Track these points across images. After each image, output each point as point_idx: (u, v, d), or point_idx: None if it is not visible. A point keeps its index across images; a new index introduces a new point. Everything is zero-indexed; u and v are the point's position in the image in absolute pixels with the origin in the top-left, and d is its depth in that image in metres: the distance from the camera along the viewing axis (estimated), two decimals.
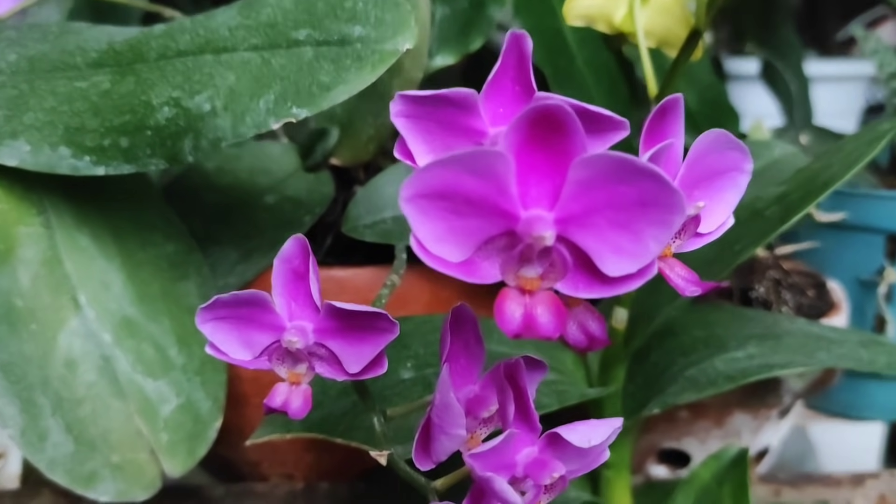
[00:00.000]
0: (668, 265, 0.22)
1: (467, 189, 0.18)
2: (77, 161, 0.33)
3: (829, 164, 0.37)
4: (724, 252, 0.36)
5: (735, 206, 0.23)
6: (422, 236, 0.19)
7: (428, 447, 0.23)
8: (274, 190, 0.44)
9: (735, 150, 0.23)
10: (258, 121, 0.30)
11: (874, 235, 0.54)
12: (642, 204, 0.18)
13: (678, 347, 0.41)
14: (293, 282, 0.26)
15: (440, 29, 0.47)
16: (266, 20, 0.33)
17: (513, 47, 0.22)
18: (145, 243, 0.39)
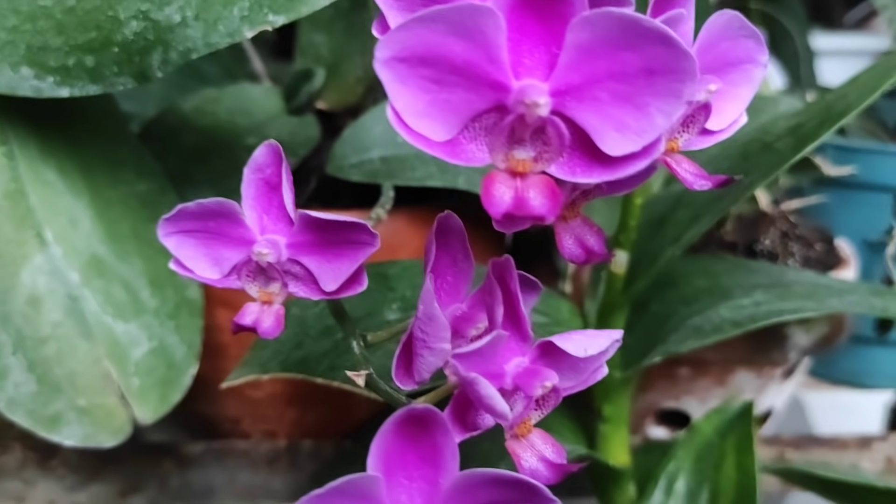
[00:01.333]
0: (676, 160, 0.20)
1: (452, 54, 0.16)
2: (40, 82, 0.31)
3: (844, 94, 0.35)
4: (731, 189, 0.34)
5: (748, 102, 0.21)
6: (401, 108, 0.17)
7: (410, 365, 0.21)
8: (255, 132, 0.42)
9: (751, 38, 0.21)
10: (231, 29, 0.28)
11: (883, 194, 0.52)
12: (649, 72, 0.16)
13: (680, 297, 0.39)
14: (265, 193, 0.24)
15: None
16: None
17: None
18: (116, 181, 0.36)
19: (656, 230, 0.36)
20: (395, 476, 0.17)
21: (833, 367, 0.56)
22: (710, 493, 0.36)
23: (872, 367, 0.56)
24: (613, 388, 0.37)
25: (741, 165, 0.35)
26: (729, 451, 0.36)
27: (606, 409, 0.38)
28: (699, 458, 0.37)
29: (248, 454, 0.43)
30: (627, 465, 0.39)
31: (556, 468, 0.19)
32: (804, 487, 0.40)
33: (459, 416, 0.19)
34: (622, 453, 0.39)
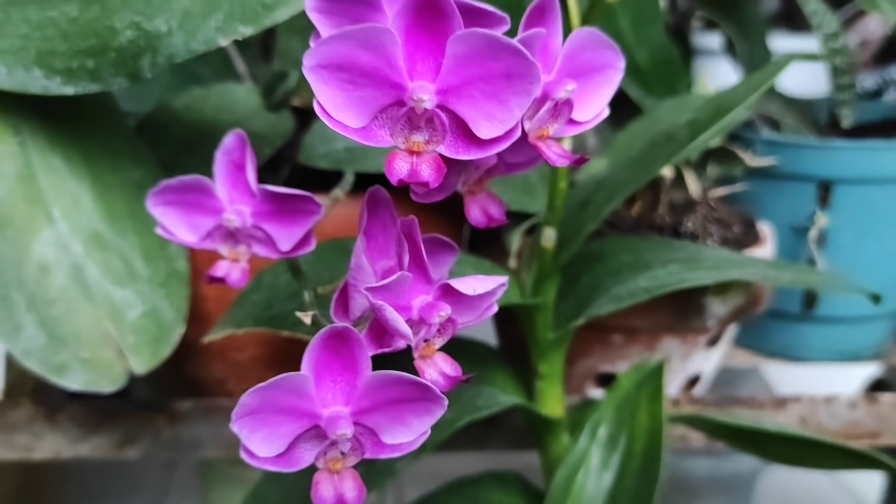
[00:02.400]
0: (546, 144, 0.25)
1: (362, 62, 0.22)
2: (48, 81, 0.37)
3: (734, 92, 0.40)
4: (642, 170, 0.40)
5: (609, 99, 0.27)
6: (325, 103, 0.22)
7: (346, 305, 0.27)
8: (237, 125, 0.46)
9: (609, 49, 0.26)
10: (208, 38, 0.33)
11: (806, 183, 0.58)
12: (508, 76, 0.22)
13: (606, 270, 0.45)
14: (233, 172, 0.30)
15: None
16: None
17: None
18: (114, 167, 0.42)
19: (581, 210, 0.42)
20: (323, 378, 0.23)
21: (765, 341, 0.62)
22: (627, 438, 0.42)
23: (801, 342, 0.61)
24: (547, 348, 0.43)
25: (649, 152, 0.41)
26: (643, 401, 0.42)
27: (542, 367, 0.44)
28: (619, 407, 0.42)
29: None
30: (561, 416, 0.44)
31: (451, 379, 0.24)
32: (711, 436, 0.45)
33: (375, 336, 0.24)
34: (557, 406, 0.44)
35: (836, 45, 0.64)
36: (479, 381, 0.44)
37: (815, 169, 0.58)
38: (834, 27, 0.64)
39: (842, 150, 0.57)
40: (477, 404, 0.40)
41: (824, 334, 0.62)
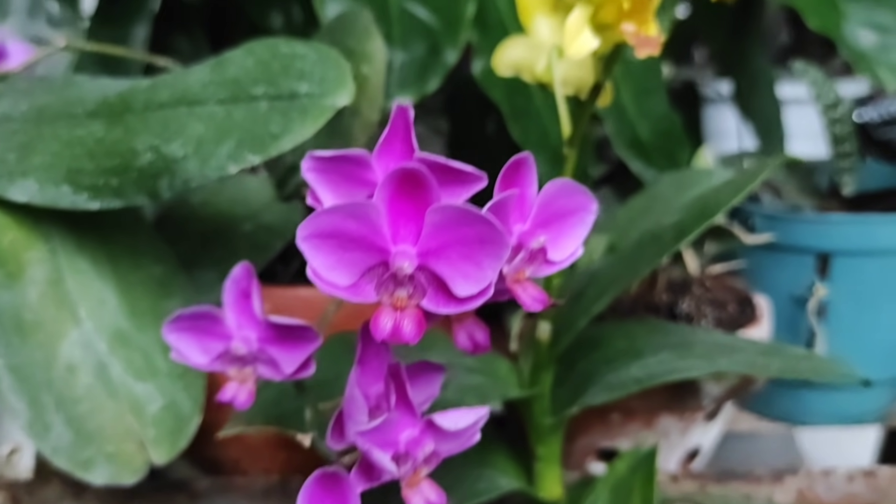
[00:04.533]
0: (522, 287, 0.28)
1: (350, 230, 0.24)
2: (76, 197, 0.40)
3: (717, 193, 0.42)
4: (629, 270, 0.42)
5: (583, 239, 0.29)
6: (316, 266, 0.25)
7: (342, 431, 0.29)
8: (251, 218, 0.50)
9: (581, 194, 0.28)
10: (220, 165, 0.36)
11: (805, 255, 0.59)
12: (481, 241, 0.24)
13: (602, 357, 0.47)
14: (241, 299, 0.32)
15: (399, 73, 0.53)
16: (231, 77, 0.39)
17: (399, 116, 0.28)
18: (137, 266, 0.45)
19: (574, 303, 0.44)
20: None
21: (769, 406, 0.63)
22: None
23: (804, 406, 0.62)
24: (545, 432, 0.45)
25: (636, 251, 0.43)
26: (636, 485, 0.43)
27: (540, 450, 0.46)
28: (614, 489, 0.44)
29: (247, 488, 0.51)
30: (560, 497, 0.46)
31: None
32: None
33: (366, 471, 0.26)
34: (555, 488, 0.46)
35: (835, 114, 0.66)
36: (481, 463, 0.46)
37: (813, 241, 0.59)
38: (833, 97, 0.66)
39: (839, 223, 0.59)
40: (478, 488, 0.42)
41: (827, 399, 0.63)
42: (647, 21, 0.36)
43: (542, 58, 0.43)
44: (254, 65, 0.39)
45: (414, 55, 0.53)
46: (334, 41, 0.50)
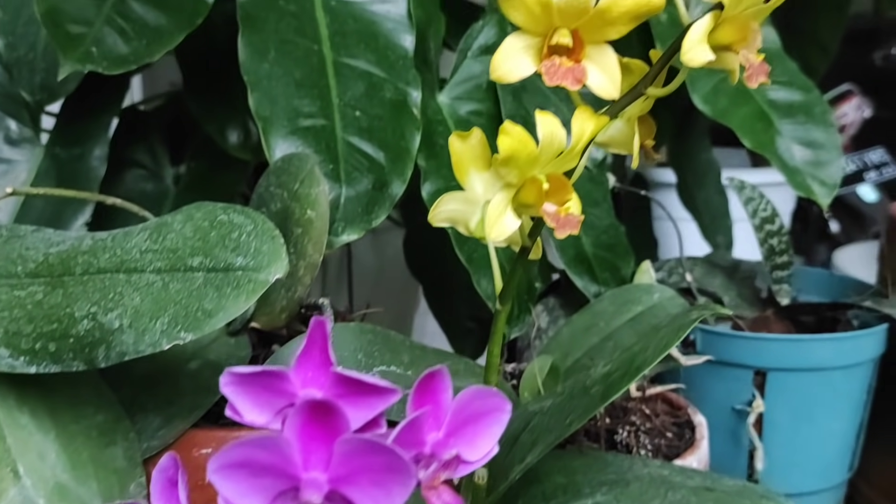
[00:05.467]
0: (437, 493, 0.29)
1: (261, 460, 0.25)
2: (14, 361, 0.40)
3: (645, 348, 0.44)
4: (559, 423, 0.43)
5: (499, 437, 0.30)
6: (228, 494, 0.26)
7: None
8: (197, 355, 0.51)
9: (496, 396, 0.30)
10: (154, 341, 0.37)
11: (744, 370, 0.61)
12: (389, 470, 0.25)
13: (541, 494, 0.47)
14: (168, 488, 0.33)
15: (346, 209, 0.54)
16: (169, 245, 0.40)
17: (317, 329, 0.29)
18: (78, 416, 0.45)
19: (509, 448, 0.45)
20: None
21: None
22: None
23: None
24: None
25: (567, 405, 0.44)
26: None
27: None
28: None
29: None
30: None
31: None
32: None
33: None
34: None
35: (772, 227, 0.69)
36: None
37: (750, 359, 0.61)
38: (770, 211, 0.69)
39: (773, 342, 0.61)
40: None
41: None
42: (568, 199, 0.38)
43: (477, 213, 0.45)
44: (192, 233, 0.40)
45: (360, 190, 0.55)
46: (280, 184, 0.52)
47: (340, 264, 1.01)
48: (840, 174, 0.69)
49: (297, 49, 0.57)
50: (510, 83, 0.37)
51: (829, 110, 0.71)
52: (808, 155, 0.69)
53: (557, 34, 0.36)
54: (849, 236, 2.57)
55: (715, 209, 0.96)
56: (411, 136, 0.58)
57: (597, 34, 0.36)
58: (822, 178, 0.69)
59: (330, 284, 0.91)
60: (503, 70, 0.36)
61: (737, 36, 0.35)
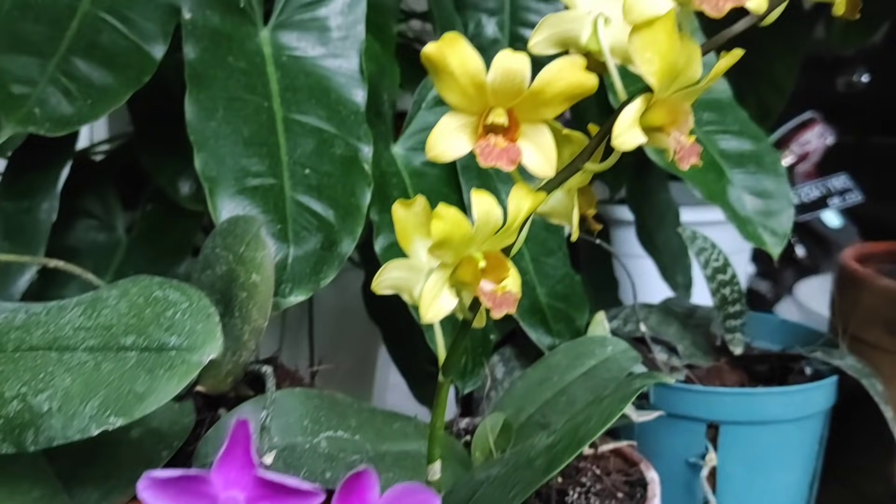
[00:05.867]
0: None
1: None
2: None
3: (588, 418, 0.43)
4: (502, 498, 0.42)
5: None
6: None
7: None
8: (139, 422, 0.49)
9: (422, 493, 0.29)
10: (83, 426, 0.36)
11: (697, 423, 0.61)
12: None
13: None
14: None
15: (293, 270, 0.54)
16: (104, 322, 0.39)
17: (239, 430, 0.28)
18: (13, 491, 0.44)
19: None
20: None
21: None
22: None
23: None
24: None
25: (512, 475, 0.44)
26: None
27: None
28: None
29: None
30: None
31: None
32: None
33: None
34: None
35: (725, 276, 0.69)
36: None
37: (702, 412, 0.61)
38: (722, 261, 0.69)
39: (725, 395, 0.61)
40: None
41: None
42: (505, 276, 0.38)
43: (421, 281, 0.44)
44: (127, 309, 0.39)
45: (308, 250, 0.54)
46: (226, 246, 0.51)
47: (301, 305, 1.00)
48: (790, 224, 0.69)
49: (246, 106, 0.57)
50: None
51: (780, 160, 0.72)
52: (759, 204, 0.70)
53: (493, 114, 0.36)
54: (814, 261, 2.61)
55: (674, 249, 0.97)
56: (362, 192, 0.58)
57: (532, 114, 0.36)
58: (773, 227, 0.69)
59: (290, 325, 0.90)
60: (439, 150, 0.36)
61: (668, 119, 0.35)
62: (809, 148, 2.45)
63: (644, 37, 0.33)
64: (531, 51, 0.41)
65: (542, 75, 0.35)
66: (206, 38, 0.57)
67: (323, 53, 0.62)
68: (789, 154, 2.44)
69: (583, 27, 0.39)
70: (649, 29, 0.33)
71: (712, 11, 0.32)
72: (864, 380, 0.60)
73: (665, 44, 0.33)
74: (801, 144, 2.45)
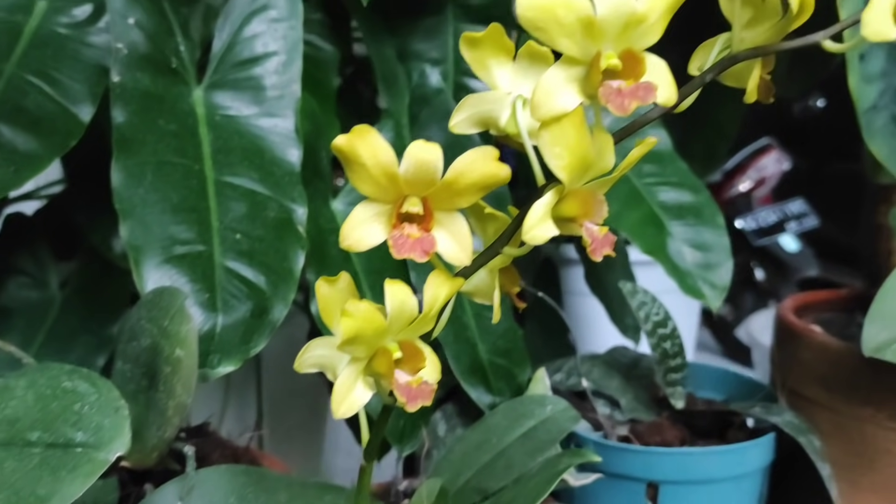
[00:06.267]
0: None
1: None
2: None
3: (515, 497, 0.43)
4: None
5: None
6: None
7: None
8: None
9: None
10: None
11: (637, 482, 0.61)
12: None
13: None
14: None
15: (222, 339, 0.52)
16: (10, 415, 0.38)
17: None
18: None
19: None
20: None
21: None
22: None
23: None
24: None
25: None
26: None
27: None
28: None
29: None
30: None
31: None
32: None
33: None
34: None
35: (665, 330, 0.69)
36: None
37: (641, 471, 0.61)
38: (662, 314, 0.69)
39: (664, 455, 0.61)
40: None
41: None
42: (422, 366, 0.37)
43: (344, 360, 0.44)
44: (34, 401, 0.38)
45: (238, 318, 0.53)
46: (151, 318, 0.50)
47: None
48: (729, 276, 0.70)
49: (175, 171, 0.56)
50: None
51: (718, 212, 0.73)
52: (698, 257, 0.71)
53: (407, 202, 0.36)
54: (773, 285, 2.64)
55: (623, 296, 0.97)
56: (295, 255, 0.57)
57: (447, 203, 0.36)
58: (713, 280, 0.70)
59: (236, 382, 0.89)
60: (353, 239, 0.36)
61: (580, 210, 0.35)
62: (766, 173, 2.50)
63: (553, 132, 0.33)
64: (451, 130, 0.41)
65: (455, 167, 0.35)
66: (135, 100, 0.56)
67: (257, 112, 0.61)
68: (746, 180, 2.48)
69: (503, 108, 0.39)
70: (557, 125, 0.33)
71: (617, 111, 0.32)
72: (801, 437, 0.61)
73: (574, 139, 0.33)
74: (758, 170, 2.50)
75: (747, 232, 2.36)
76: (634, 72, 0.32)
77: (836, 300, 0.80)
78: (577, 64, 0.33)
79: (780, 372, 0.69)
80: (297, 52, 0.62)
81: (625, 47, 0.32)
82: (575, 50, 0.32)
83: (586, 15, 0.31)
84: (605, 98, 0.32)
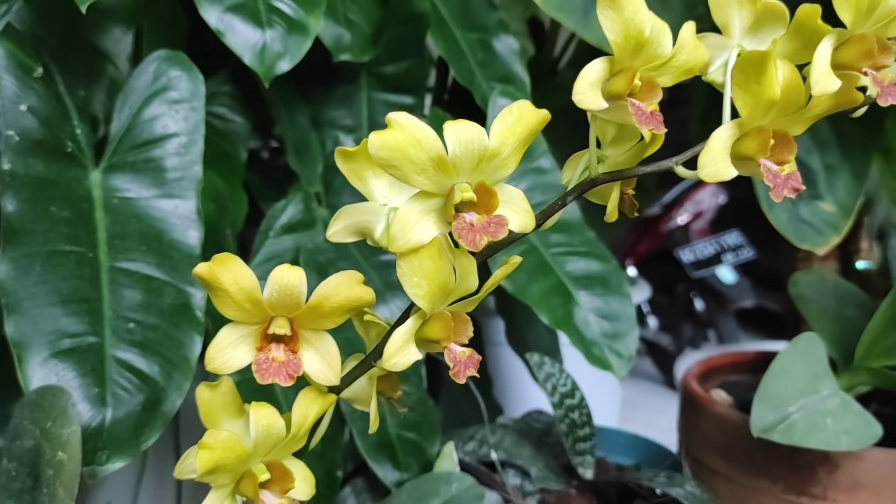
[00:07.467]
0: None
1: None
2: None
3: None
4: None
5: None
6: None
7: None
8: None
9: None
10: None
11: None
12: None
13: None
14: None
15: (110, 435, 0.52)
16: None
17: None
18: None
19: None
20: None
21: None
22: None
23: None
24: None
25: None
26: None
27: None
28: None
29: None
30: None
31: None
32: None
33: None
34: None
35: (573, 401, 0.70)
36: None
37: None
38: (570, 385, 0.70)
39: None
40: None
41: None
42: (291, 487, 0.37)
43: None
44: None
45: (128, 411, 0.53)
46: (33, 419, 0.49)
47: None
48: (635, 346, 0.71)
49: (67, 260, 0.55)
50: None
51: (625, 280, 0.74)
52: (605, 327, 0.72)
53: (274, 324, 0.36)
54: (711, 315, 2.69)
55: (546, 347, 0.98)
56: (192, 342, 0.57)
57: (314, 324, 0.36)
58: (619, 350, 0.71)
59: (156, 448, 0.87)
60: (218, 362, 0.36)
61: (443, 333, 0.35)
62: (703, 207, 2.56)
63: (410, 263, 0.34)
64: (329, 240, 0.41)
65: (319, 291, 0.35)
66: (26, 188, 0.55)
67: (157, 194, 0.60)
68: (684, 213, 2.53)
69: (378, 220, 0.40)
70: (416, 255, 0.34)
71: (469, 245, 0.32)
72: None
73: (432, 268, 0.34)
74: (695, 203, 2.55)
75: (685, 264, 2.41)
76: (487, 206, 0.33)
77: (743, 362, 0.82)
78: (433, 196, 0.34)
79: (685, 440, 0.71)
80: (198, 133, 0.61)
81: (479, 180, 0.33)
82: (430, 185, 0.33)
83: (438, 154, 0.32)
84: (457, 233, 0.32)
